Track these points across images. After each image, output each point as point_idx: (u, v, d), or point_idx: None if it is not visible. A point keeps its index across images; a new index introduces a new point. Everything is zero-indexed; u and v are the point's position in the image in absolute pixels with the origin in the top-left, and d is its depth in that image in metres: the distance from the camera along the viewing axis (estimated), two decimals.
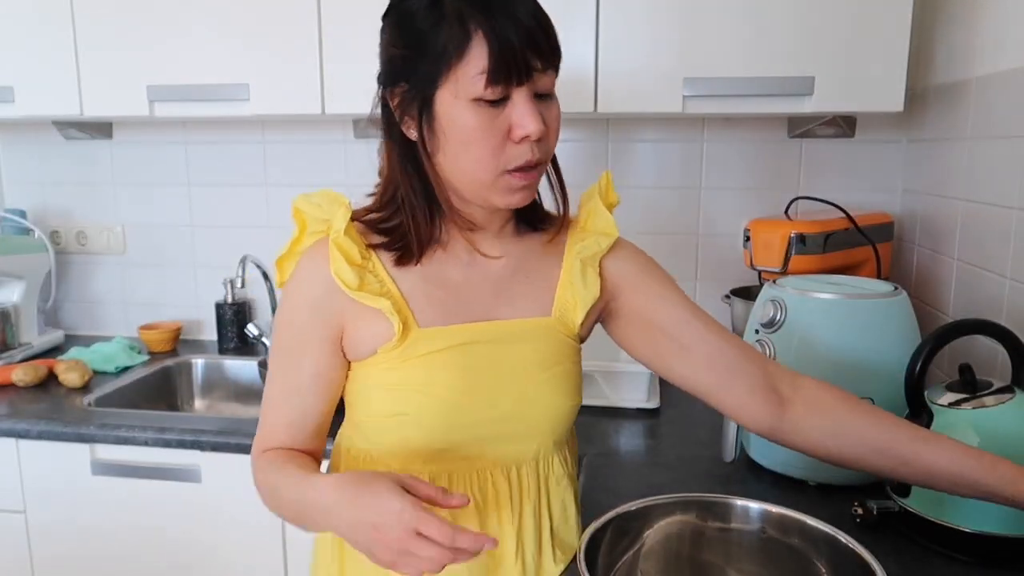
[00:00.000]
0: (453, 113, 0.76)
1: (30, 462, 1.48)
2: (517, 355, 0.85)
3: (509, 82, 0.74)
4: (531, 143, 0.77)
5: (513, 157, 0.77)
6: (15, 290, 1.86)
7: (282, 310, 0.86)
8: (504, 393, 0.84)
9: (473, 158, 0.77)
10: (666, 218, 1.77)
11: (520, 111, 0.76)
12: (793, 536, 0.80)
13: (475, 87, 0.74)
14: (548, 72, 0.79)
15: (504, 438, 0.86)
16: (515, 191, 0.80)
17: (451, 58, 0.74)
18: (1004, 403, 0.92)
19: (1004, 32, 1.19)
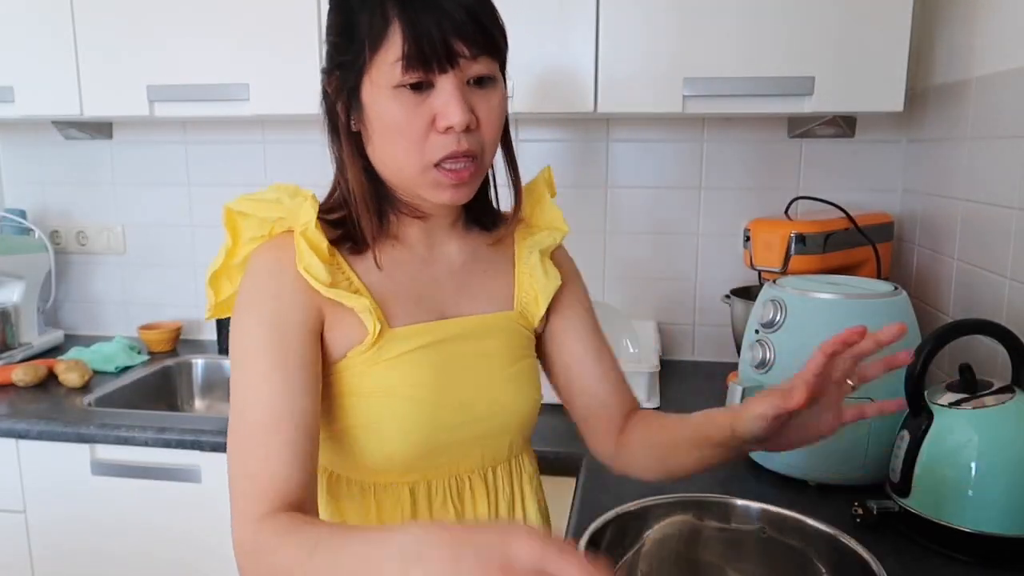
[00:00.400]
0: (375, 102, 0.74)
1: (30, 462, 1.48)
2: (485, 351, 0.84)
3: (428, 68, 0.71)
4: (457, 133, 0.73)
5: (438, 148, 0.74)
6: (15, 290, 1.86)
7: (244, 312, 0.75)
8: (478, 391, 0.83)
9: (397, 149, 0.75)
10: (666, 218, 1.77)
11: (443, 99, 0.72)
12: (793, 536, 0.80)
13: (392, 74, 0.72)
14: (480, 59, 0.74)
15: (480, 438, 0.84)
16: (444, 188, 0.76)
17: (371, 45, 0.72)
18: (1004, 403, 0.92)
19: (1004, 32, 1.19)
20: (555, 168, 1.84)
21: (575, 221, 1.78)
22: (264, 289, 0.75)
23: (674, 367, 1.75)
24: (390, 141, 0.75)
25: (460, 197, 0.77)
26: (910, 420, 0.97)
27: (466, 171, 0.75)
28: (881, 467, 1.04)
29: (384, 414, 0.78)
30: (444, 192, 0.76)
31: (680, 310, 1.80)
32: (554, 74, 1.43)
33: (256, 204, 0.78)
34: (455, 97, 0.72)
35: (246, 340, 0.74)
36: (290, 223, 0.77)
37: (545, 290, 0.89)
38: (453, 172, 0.75)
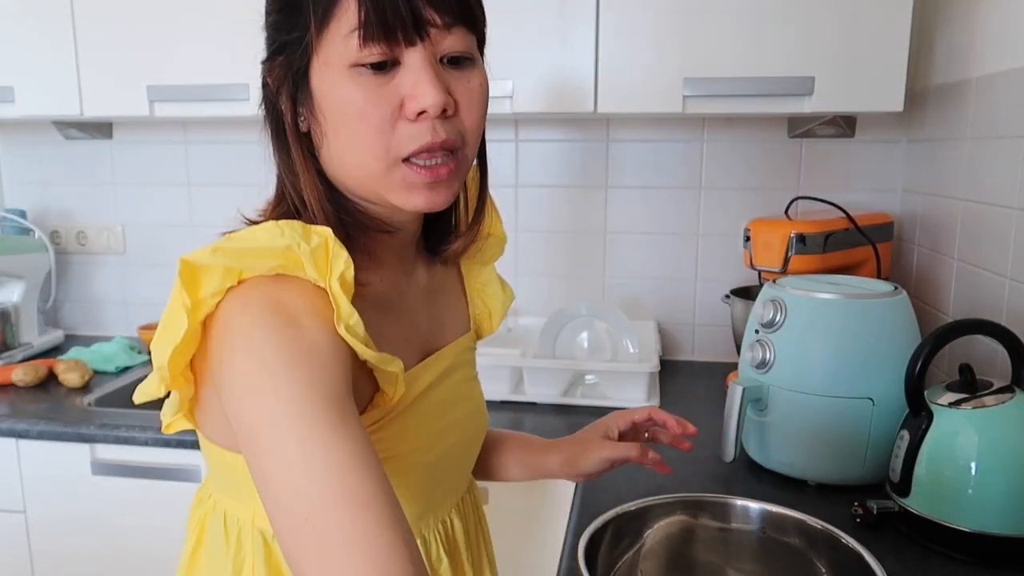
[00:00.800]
0: (327, 87, 0.60)
1: (30, 462, 1.48)
2: (459, 383, 0.78)
3: (392, 40, 0.57)
4: (432, 120, 0.59)
5: (407, 139, 0.59)
6: (15, 290, 1.86)
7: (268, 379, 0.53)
8: (460, 430, 0.76)
9: (356, 142, 0.60)
10: (666, 218, 1.77)
11: (413, 77, 0.58)
12: (793, 536, 0.80)
13: (348, 49, 0.58)
14: (455, 30, 0.60)
15: (458, 475, 0.79)
16: (416, 189, 0.61)
17: (319, 16, 0.58)
18: (1004, 403, 0.92)
19: (1004, 32, 1.19)
20: (555, 168, 1.86)
21: (575, 221, 1.80)
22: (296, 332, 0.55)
23: (674, 367, 1.75)
24: (348, 134, 0.60)
25: (437, 200, 0.63)
26: (910, 420, 0.97)
27: (444, 167, 0.61)
28: (881, 467, 1.04)
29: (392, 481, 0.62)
30: (417, 195, 0.62)
31: (680, 310, 1.81)
32: (554, 74, 1.43)
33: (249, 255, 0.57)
34: (427, 73, 0.58)
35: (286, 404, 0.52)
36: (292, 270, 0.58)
37: (503, 305, 0.86)
38: (427, 169, 0.61)
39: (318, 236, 0.59)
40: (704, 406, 1.50)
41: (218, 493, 0.70)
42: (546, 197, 1.80)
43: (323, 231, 0.59)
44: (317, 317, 0.56)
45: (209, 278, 0.56)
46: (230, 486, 0.67)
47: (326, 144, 0.62)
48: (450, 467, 0.76)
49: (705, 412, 1.46)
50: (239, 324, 0.56)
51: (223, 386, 0.56)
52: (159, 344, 0.58)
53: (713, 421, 1.37)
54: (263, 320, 0.55)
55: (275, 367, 0.53)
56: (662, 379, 1.62)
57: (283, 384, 0.53)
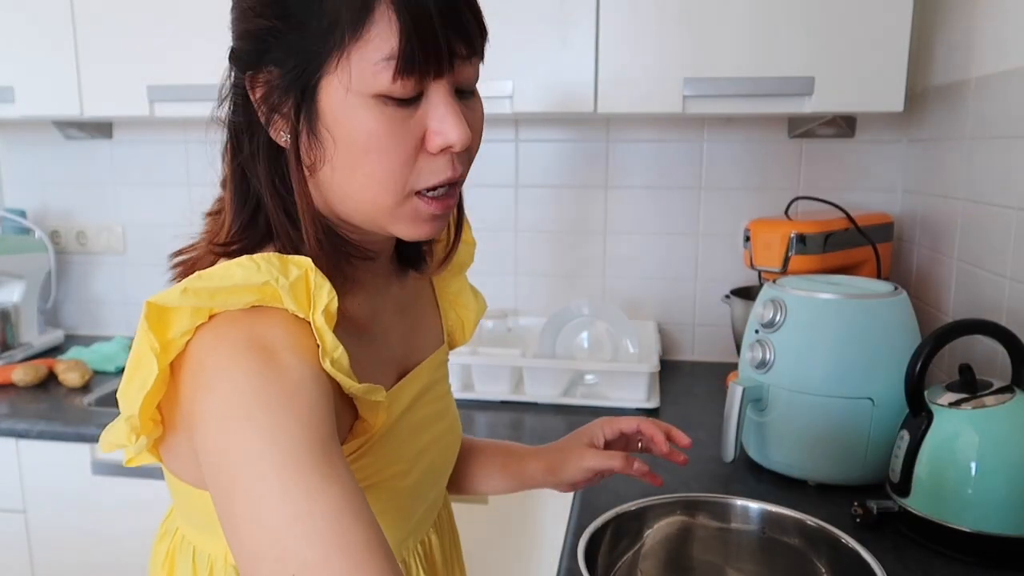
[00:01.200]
0: (345, 111, 0.55)
1: (30, 462, 1.48)
2: (438, 396, 0.76)
3: (426, 73, 0.55)
4: (452, 155, 0.58)
5: (427, 174, 0.58)
6: (15, 290, 1.86)
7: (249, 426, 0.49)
8: (440, 445, 0.75)
9: (372, 173, 0.57)
10: (666, 218, 1.77)
11: (440, 112, 0.56)
12: (793, 536, 0.80)
13: (379, 78, 0.53)
14: (472, 60, 0.58)
15: (439, 490, 0.78)
16: (424, 221, 0.60)
17: (344, 35, 0.53)
18: (1004, 403, 0.92)
19: (1004, 32, 1.19)
20: (555, 168, 1.86)
21: (575, 221, 1.80)
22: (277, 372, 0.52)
23: (674, 367, 1.75)
24: (365, 165, 0.56)
25: (439, 230, 0.63)
26: (910, 420, 0.97)
27: (451, 199, 0.61)
28: (881, 467, 1.04)
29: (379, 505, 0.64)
30: (422, 226, 0.60)
31: (680, 310, 1.81)
32: (554, 74, 1.43)
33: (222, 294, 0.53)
34: (453, 108, 0.56)
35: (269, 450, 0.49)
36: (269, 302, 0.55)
37: (476, 314, 0.83)
38: (438, 201, 0.59)
39: (297, 268, 0.55)
40: (704, 406, 1.50)
41: (186, 527, 0.67)
42: (546, 197, 1.80)
43: (302, 262, 0.55)
44: (299, 351, 0.53)
45: (178, 318, 0.53)
46: (200, 522, 0.64)
47: (328, 169, 0.58)
48: (429, 486, 0.74)
49: (705, 412, 1.46)
50: (213, 363, 0.52)
51: (196, 428, 0.52)
52: (128, 392, 0.55)
53: (713, 421, 1.37)
54: (239, 357, 0.51)
55: (255, 409, 0.50)
56: (662, 379, 1.62)
57: (265, 428, 0.49)
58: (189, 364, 0.54)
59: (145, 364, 0.53)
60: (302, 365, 0.53)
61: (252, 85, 0.59)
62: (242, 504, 0.48)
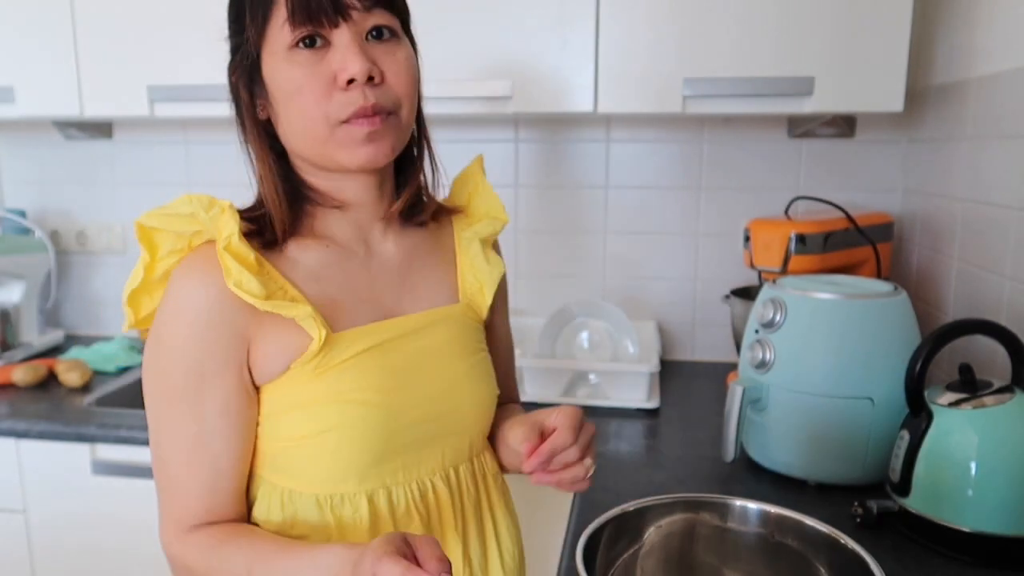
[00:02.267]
0: (274, 72, 0.72)
1: (30, 462, 1.48)
2: (436, 347, 0.81)
3: (317, 22, 0.69)
4: (362, 87, 0.70)
5: (342, 105, 0.70)
6: (15, 290, 1.86)
7: (160, 348, 0.72)
8: (432, 388, 0.79)
9: (299, 112, 0.71)
10: (666, 218, 1.77)
11: (341, 51, 0.70)
12: (792, 536, 0.80)
13: (283, 34, 0.70)
14: (375, 11, 0.72)
15: (439, 437, 0.80)
16: (359, 144, 0.72)
17: (261, 15, 0.71)
18: (1004, 403, 0.92)
19: (1004, 32, 1.19)
20: (555, 168, 1.86)
21: (575, 221, 1.80)
22: (183, 321, 0.71)
23: (674, 367, 1.75)
24: (293, 107, 0.71)
25: (378, 154, 0.73)
26: (910, 420, 0.97)
27: (378, 118, 0.71)
28: (881, 467, 1.04)
29: (334, 422, 0.73)
30: (360, 149, 0.72)
31: (680, 310, 1.81)
32: (554, 74, 1.43)
33: (169, 219, 0.73)
34: (351, 47, 0.70)
35: (161, 378, 0.72)
36: (209, 235, 0.73)
37: (490, 279, 0.86)
38: (364, 120, 0.71)
39: (217, 207, 0.71)
40: (704, 406, 1.50)
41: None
42: (546, 197, 1.80)
43: (223, 203, 0.72)
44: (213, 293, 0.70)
45: (161, 240, 0.74)
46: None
47: (281, 123, 0.74)
48: (421, 423, 0.78)
49: (705, 412, 1.46)
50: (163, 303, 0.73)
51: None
52: (126, 287, 0.76)
53: (713, 421, 1.37)
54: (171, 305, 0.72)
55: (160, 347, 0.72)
56: (662, 379, 1.62)
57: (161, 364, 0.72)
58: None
59: (137, 270, 0.75)
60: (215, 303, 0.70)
61: (232, 74, 0.76)
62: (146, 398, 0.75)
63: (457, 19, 1.43)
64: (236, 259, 0.70)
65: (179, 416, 0.72)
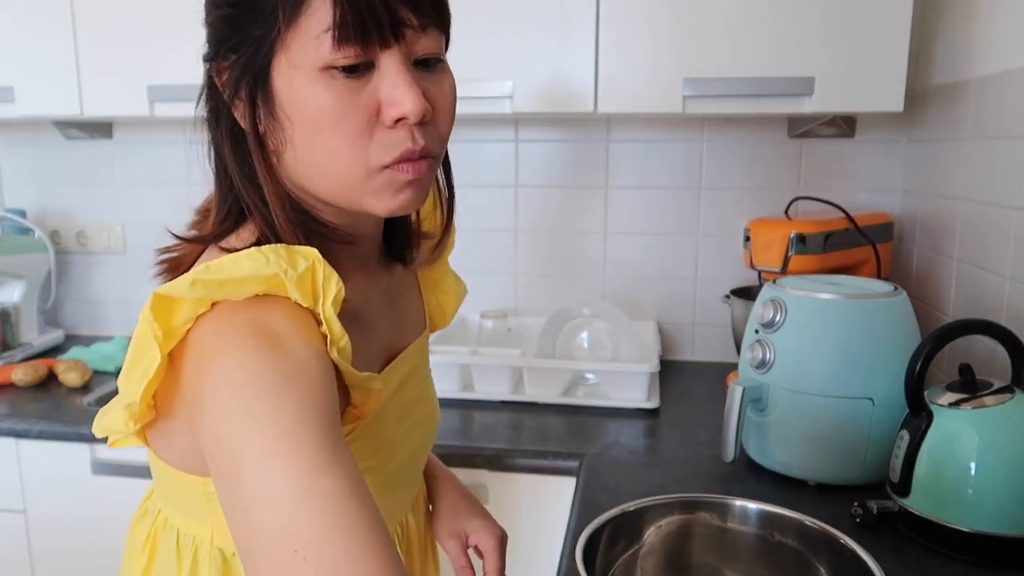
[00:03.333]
0: (295, 89, 0.56)
1: (30, 462, 1.48)
2: (420, 383, 0.78)
3: (368, 41, 0.54)
4: (410, 127, 0.57)
5: (385, 148, 0.57)
6: (15, 290, 1.86)
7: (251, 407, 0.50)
8: (420, 431, 0.77)
9: (327, 149, 0.57)
10: (666, 218, 1.77)
11: (391, 82, 0.56)
12: (792, 536, 0.80)
13: (321, 50, 0.54)
14: (429, 31, 0.58)
15: (415, 475, 0.79)
16: (398, 188, 0.59)
17: (285, 11, 0.54)
18: (1004, 403, 0.92)
19: (1004, 32, 1.19)
20: (555, 168, 1.86)
21: (575, 221, 1.80)
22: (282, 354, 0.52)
23: (674, 367, 1.75)
24: (319, 142, 0.57)
25: (415, 201, 0.61)
26: (910, 420, 0.97)
27: (424, 163, 0.60)
28: (881, 467, 1.04)
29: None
30: (396, 196, 0.60)
31: (680, 310, 1.80)
32: (554, 74, 1.43)
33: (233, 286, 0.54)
34: (405, 77, 0.56)
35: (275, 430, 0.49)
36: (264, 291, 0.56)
37: (456, 299, 0.84)
38: (408, 164, 0.59)
39: (304, 260, 0.56)
40: (704, 406, 1.50)
41: (169, 510, 0.68)
42: (546, 197, 1.80)
43: (309, 253, 0.57)
44: (303, 337, 0.54)
45: (182, 307, 0.54)
46: (185, 506, 0.64)
47: (291, 150, 0.59)
48: (410, 469, 0.77)
49: (705, 412, 1.46)
50: (217, 346, 0.53)
51: (203, 415, 0.52)
52: (129, 379, 0.56)
53: (713, 421, 1.37)
54: (243, 341, 0.52)
55: (259, 389, 0.50)
56: (662, 379, 1.62)
57: (270, 407, 0.50)
58: (191, 349, 0.54)
59: (148, 352, 0.54)
60: (306, 350, 0.53)
61: (217, 74, 0.60)
62: (246, 481, 0.48)
63: (457, 19, 1.43)
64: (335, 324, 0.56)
65: (334, 474, 0.49)
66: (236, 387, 0.51)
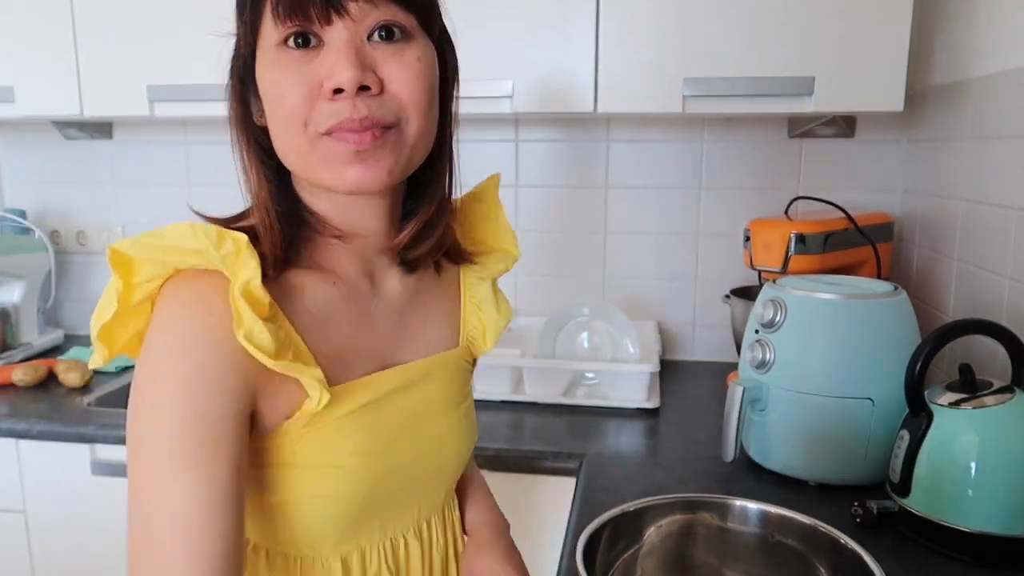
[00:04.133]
0: (262, 72, 0.61)
1: (30, 462, 1.48)
2: (428, 399, 0.74)
3: (306, 16, 0.58)
4: (352, 98, 0.58)
5: (325, 116, 0.59)
6: (15, 290, 1.86)
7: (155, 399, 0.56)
8: (419, 447, 0.73)
9: (282, 121, 0.60)
10: (666, 218, 1.77)
11: (332, 55, 0.58)
12: (792, 536, 0.80)
13: (274, 29, 0.59)
14: (381, 4, 0.59)
15: (418, 494, 0.75)
16: (346, 163, 0.60)
17: (253, 4, 0.61)
18: (1004, 403, 0.92)
19: (1004, 32, 1.19)
20: (555, 168, 1.86)
21: (575, 221, 1.80)
22: (185, 357, 0.56)
23: (674, 367, 1.75)
24: (277, 115, 0.61)
25: (369, 176, 0.60)
26: (910, 420, 0.97)
27: (369, 133, 0.59)
28: (881, 467, 1.04)
29: (320, 487, 0.65)
30: (348, 170, 0.60)
31: (680, 310, 1.81)
32: (554, 74, 1.43)
33: (163, 252, 0.58)
34: (344, 50, 0.58)
35: (160, 431, 0.56)
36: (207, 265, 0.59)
37: (496, 325, 0.80)
38: (348, 134, 0.59)
39: (232, 243, 0.58)
40: (704, 406, 1.50)
41: None
42: (546, 197, 1.80)
43: (239, 238, 0.59)
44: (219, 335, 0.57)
45: (140, 267, 0.59)
46: None
47: (271, 132, 0.63)
48: (404, 484, 0.72)
49: (705, 412, 1.46)
50: (154, 323, 0.59)
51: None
52: (94, 319, 0.61)
53: (713, 421, 1.37)
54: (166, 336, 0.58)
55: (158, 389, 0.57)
56: (662, 379, 1.62)
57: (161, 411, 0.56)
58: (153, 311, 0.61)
59: (108, 300, 0.60)
60: (222, 346, 0.57)
61: (231, 74, 0.67)
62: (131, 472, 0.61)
63: (457, 19, 1.43)
64: (251, 306, 0.57)
65: (186, 482, 0.56)
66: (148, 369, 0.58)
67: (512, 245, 0.82)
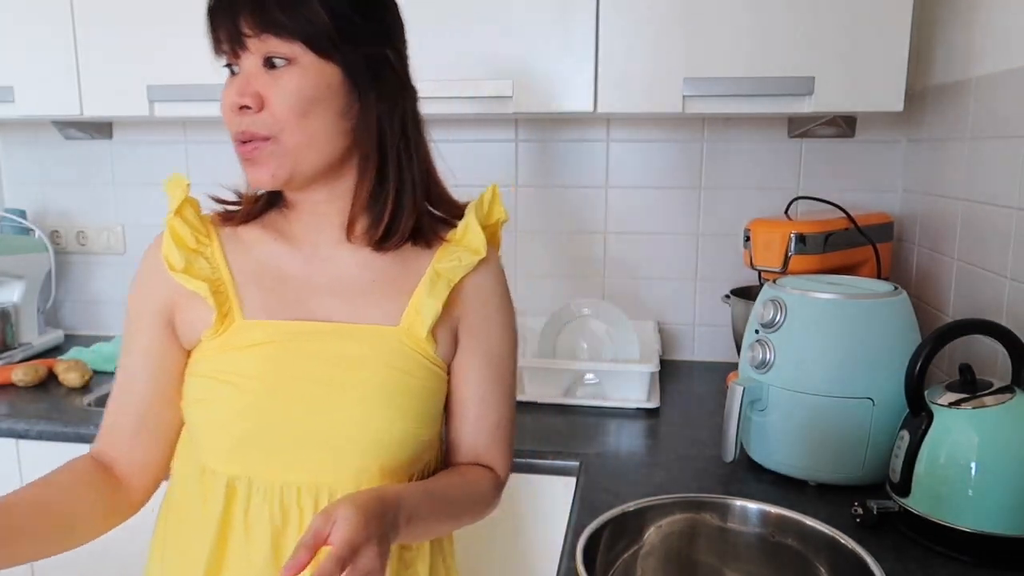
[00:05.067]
0: None
1: (30, 462, 1.48)
2: (346, 358, 0.79)
3: (227, 52, 0.77)
4: (239, 115, 0.77)
5: (231, 127, 0.79)
6: (15, 290, 1.86)
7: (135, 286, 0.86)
8: (322, 399, 0.77)
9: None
10: (666, 218, 1.77)
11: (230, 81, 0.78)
12: (792, 536, 0.80)
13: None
14: (265, 37, 0.74)
15: (314, 453, 0.77)
16: (247, 165, 0.80)
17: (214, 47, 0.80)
18: (1004, 403, 0.92)
19: (1004, 32, 1.19)
20: (555, 168, 1.86)
21: (575, 221, 1.80)
22: (137, 275, 0.85)
23: (674, 367, 1.75)
24: None
25: (260, 177, 0.79)
26: (910, 420, 0.97)
27: (255, 149, 0.77)
28: (881, 467, 1.04)
29: (206, 392, 0.80)
30: (246, 170, 0.80)
31: (680, 310, 1.80)
32: (554, 74, 1.43)
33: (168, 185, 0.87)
34: (236, 78, 0.77)
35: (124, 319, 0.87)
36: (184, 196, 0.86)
37: (427, 313, 0.81)
38: (241, 145, 0.78)
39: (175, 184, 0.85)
40: (704, 406, 1.50)
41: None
42: (546, 197, 1.80)
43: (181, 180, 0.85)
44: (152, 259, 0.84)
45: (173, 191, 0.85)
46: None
47: None
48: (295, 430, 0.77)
49: (705, 412, 1.46)
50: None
51: None
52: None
53: (713, 421, 1.37)
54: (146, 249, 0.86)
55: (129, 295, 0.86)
56: (662, 379, 1.62)
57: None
58: None
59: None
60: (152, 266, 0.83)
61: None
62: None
63: (457, 19, 1.43)
64: (172, 233, 0.82)
65: (122, 354, 0.85)
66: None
67: (477, 245, 0.86)
